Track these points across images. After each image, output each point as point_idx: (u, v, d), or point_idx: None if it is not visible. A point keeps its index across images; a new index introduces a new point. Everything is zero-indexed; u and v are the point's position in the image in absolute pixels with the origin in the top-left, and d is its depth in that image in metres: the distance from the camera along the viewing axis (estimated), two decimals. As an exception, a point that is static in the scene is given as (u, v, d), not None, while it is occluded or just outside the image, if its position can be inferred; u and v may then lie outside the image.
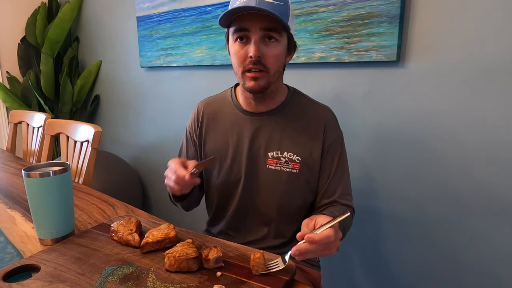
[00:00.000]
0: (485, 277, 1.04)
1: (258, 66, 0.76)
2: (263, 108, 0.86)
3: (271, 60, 0.77)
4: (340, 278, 1.37)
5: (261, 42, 0.75)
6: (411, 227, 1.16)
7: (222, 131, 0.90)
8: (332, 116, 0.88)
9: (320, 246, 0.57)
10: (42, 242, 0.74)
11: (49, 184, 0.71)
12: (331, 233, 0.57)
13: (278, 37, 0.76)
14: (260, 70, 0.77)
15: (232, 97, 0.92)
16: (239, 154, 0.88)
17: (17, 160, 1.45)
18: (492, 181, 0.98)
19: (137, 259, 0.65)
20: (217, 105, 0.94)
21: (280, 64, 0.80)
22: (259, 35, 0.75)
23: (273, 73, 0.79)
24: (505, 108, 0.94)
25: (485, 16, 0.93)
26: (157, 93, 2.00)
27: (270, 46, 0.76)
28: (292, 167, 0.84)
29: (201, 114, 0.94)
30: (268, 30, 0.74)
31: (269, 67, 0.77)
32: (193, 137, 0.96)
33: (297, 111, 0.87)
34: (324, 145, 0.85)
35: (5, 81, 2.42)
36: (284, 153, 0.85)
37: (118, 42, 2.19)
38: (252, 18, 0.74)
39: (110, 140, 2.48)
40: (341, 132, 0.89)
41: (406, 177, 1.14)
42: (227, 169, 0.90)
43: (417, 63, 1.06)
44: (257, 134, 0.86)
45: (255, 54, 0.75)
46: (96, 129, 1.26)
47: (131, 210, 0.92)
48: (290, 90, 0.90)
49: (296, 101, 0.88)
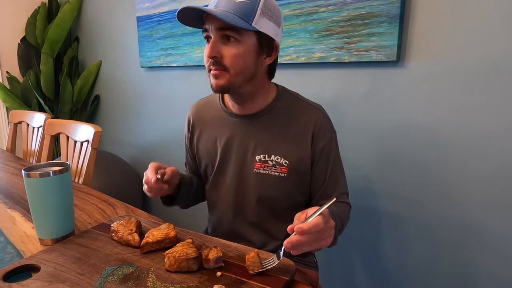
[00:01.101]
0: (485, 277, 1.04)
1: (216, 66, 0.76)
2: (249, 110, 0.84)
3: (230, 59, 0.75)
4: (338, 278, 1.37)
5: (220, 42, 0.75)
6: (410, 227, 1.16)
7: (211, 135, 0.90)
8: (323, 117, 0.84)
9: (311, 236, 0.56)
10: (42, 242, 0.74)
11: (49, 184, 0.71)
12: (319, 220, 0.56)
13: (238, 37, 0.74)
14: (219, 69, 0.76)
15: (219, 101, 0.91)
16: (227, 157, 0.87)
17: (17, 160, 1.45)
18: (492, 181, 0.98)
19: (137, 259, 0.65)
20: (205, 109, 0.94)
21: (245, 64, 0.76)
22: (216, 35, 0.75)
23: (234, 73, 0.76)
24: (505, 108, 0.94)
25: (485, 16, 0.93)
26: (157, 93, 2.00)
27: (228, 46, 0.75)
28: (280, 170, 0.82)
29: (191, 120, 0.95)
30: (224, 30, 0.74)
31: (229, 67, 0.75)
32: (187, 142, 0.98)
33: (286, 112, 0.84)
34: (314, 151, 0.82)
35: (5, 81, 2.42)
36: (272, 156, 0.83)
37: (118, 42, 2.19)
38: (211, 18, 0.74)
39: (110, 140, 2.48)
40: (333, 133, 0.86)
41: (405, 176, 1.14)
42: (216, 172, 0.90)
43: (417, 63, 1.06)
44: (244, 137, 0.85)
45: (209, 54, 0.75)
46: (96, 129, 1.26)
47: (131, 210, 0.92)
48: (279, 89, 0.87)
49: (285, 101, 0.85)
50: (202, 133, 0.92)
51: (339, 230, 0.77)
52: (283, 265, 0.62)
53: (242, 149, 0.85)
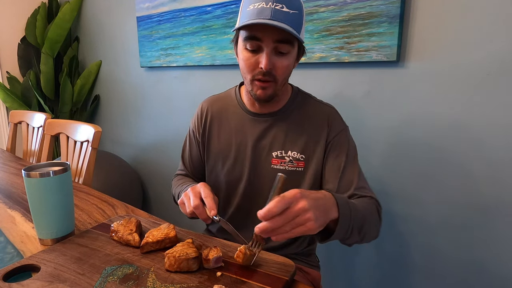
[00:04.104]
0: (486, 277, 1.04)
1: (268, 78, 0.76)
2: (267, 109, 0.86)
3: (281, 71, 0.76)
4: (340, 278, 1.37)
5: (272, 54, 0.74)
6: (412, 226, 1.16)
7: (226, 131, 0.90)
8: (335, 112, 0.88)
9: (277, 220, 0.54)
10: (42, 242, 0.74)
11: (49, 184, 0.71)
12: (271, 205, 0.54)
13: (290, 49, 0.75)
14: (269, 81, 0.76)
15: (236, 96, 0.91)
16: (242, 154, 0.88)
17: (17, 160, 1.45)
18: (492, 181, 0.98)
19: (137, 259, 0.65)
20: (221, 103, 0.93)
21: (289, 73, 0.80)
22: (271, 47, 0.73)
23: (280, 83, 0.79)
24: (505, 108, 0.94)
25: (485, 16, 0.93)
26: (157, 93, 2.00)
27: (281, 58, 0.75)
28: (297, 165, 0.84)
29: (205, 113, 0.94)
30: (281, 42, 0.73)
31: (278, 78, 0.77)
32: (196, 136, 0.95)
33: (301, 111, 0.87)
34: (327, 139, 0.84)
35: (5, 81, 2.42)
36: (288, 152, 0.84)
37: (118, 42, 2.19)
38: (266, 28, 0.72)
39: (110, 140, 2.48)
40: (345, 126, 0.87)
41: (405, 176, 1.14)
42: (229, 169, 0.90)
43: (417, 63, 1.06)
44: (261, 135, 0.86)
45: (266, 67, 0.74)
46: (96, 129, 1.26)
47: (131, 210, 0.92)
48: (294, 90, 0.89)
49: (301, 101, 0.88)
50: (216, 127, 0.92)
51: (357, 228, 0.68)
52: (283, 265, 0.62)
53: (259, 146, 0.86)
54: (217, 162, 0.92)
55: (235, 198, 0.91)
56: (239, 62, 0.81)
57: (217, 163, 0.92)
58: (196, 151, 0.97)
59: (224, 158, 0.90)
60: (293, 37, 0.73)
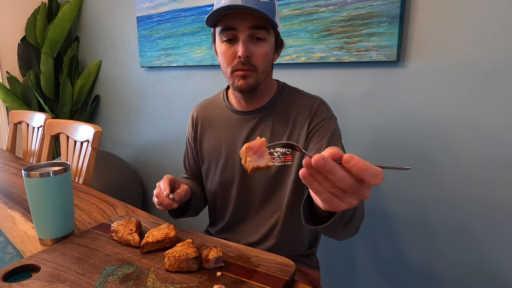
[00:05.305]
0: (486, 277, 1.04)
1: (247, 66, 0.76)
2: (253, 106, 0.86)
3: (260, 59, 0.76)
4: (339, 278, 1.37)
5: (249, 41, 0.75)
6: (411, 227, 1.15)
7: (216, 134, 0.91)
8: (320, 103, 0.85)
9: (353, 177, 0.38)
10: (42, 242, 0.74)
11: (49, 184, 0.71)
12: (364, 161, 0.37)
13: (266, 36, 0.76)
14: (248, 69, 0.76)
15: (224, 99, 0.92)
16: (232, 155, 0.88)
17: (17, 160, 1.45)
18: (492, 181, 0.98)
19: (137, 259, 0.65)
20: (210, 108, 0.94)
21: (269, 62, 0.80)
22: (247, 34, 0.74)
23: (261, 72, 0.78)
24: (505, 108, 0.94)
25: (485, 16, 0.93)
26: (157, 93, 2.00)
27: (258, 45, 0.76)
28: (285, 160, 0.84)
29: (195, 119, 0.95)
30: (256, 28, 0.74)
31: (258, 66, 0.77)
32: (191, 142, 0.98)
33: (287, 105, 0.86)
34: (310, 127, 0.81)
35: (5, 81, 2.42)
36: (276, 148, 0.84)
37: (118, 42, 2.19)
38: (239, 16, 0.73)
39: (110, 140, 2.48)
40: (332, 115, 0.84)
41: (405, 177, 1.14)
42: (221, 170, 0.90)
43: (417, 63, 1.06)
44: (249, 134, 0.86)
45: (243, 54, 0.74)
46: (96, 129, 1.26)
47: (131, 210, 0.92)
48: (280, 85, 0.89)
49: (286, 95, 0.87)
50: (207, 131, 0.93)
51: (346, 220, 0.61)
52: (283, 265, 0.62)
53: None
54: (210, 165, 0.93)
55: (231, 199, 0.91)
56: (219, 58, 0.81)
57: (210, 166, 0.93)
58: (192, 157, 1.00)
59: (216, 161, 0.91)
60: (268, 23, 0.74)
